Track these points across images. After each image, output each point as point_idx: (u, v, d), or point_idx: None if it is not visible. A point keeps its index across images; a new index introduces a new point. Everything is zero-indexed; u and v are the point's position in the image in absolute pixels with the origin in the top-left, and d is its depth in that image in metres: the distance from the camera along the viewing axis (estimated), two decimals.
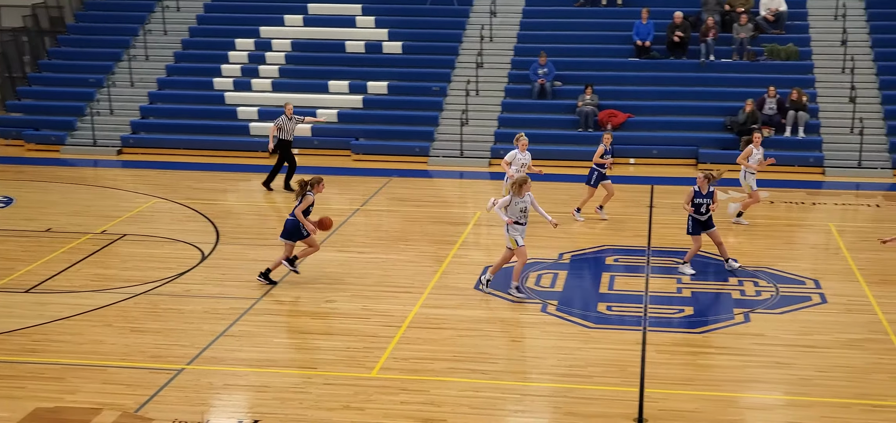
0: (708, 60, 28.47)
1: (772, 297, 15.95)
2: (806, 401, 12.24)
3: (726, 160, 25.24)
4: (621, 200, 22.12)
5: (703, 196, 16.88)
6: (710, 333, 14.50)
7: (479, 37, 30.03)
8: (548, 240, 18.96)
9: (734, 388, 12.72)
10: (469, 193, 24.18)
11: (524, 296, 15.72)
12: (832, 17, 29.80)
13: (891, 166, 25.01)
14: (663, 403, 12.13)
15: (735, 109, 26.54)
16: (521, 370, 13.18)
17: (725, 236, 18.48)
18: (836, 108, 26.96)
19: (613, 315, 15.18)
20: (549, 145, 26.68)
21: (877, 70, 27.96)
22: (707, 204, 16.83)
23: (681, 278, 16.85)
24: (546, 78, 27.94)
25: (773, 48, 28.54)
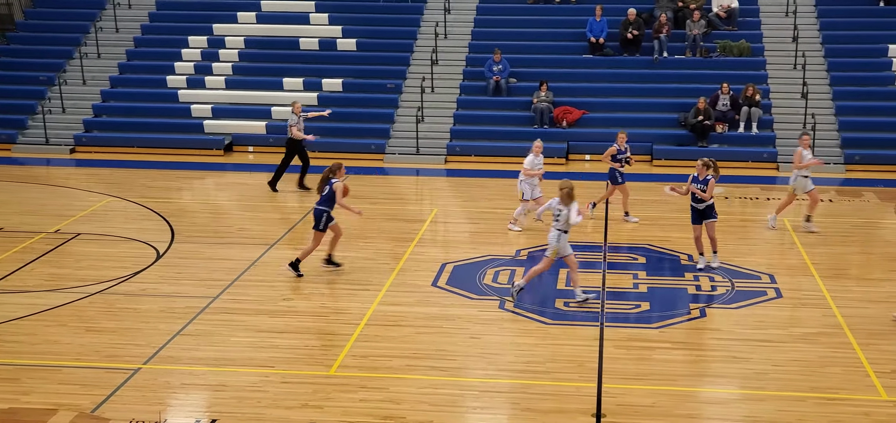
0: (661, 57, 28.66)
1: (727, 292, 16.08)
2: (761, 394, 12.36)
3: (681, 156, 25.50)
4: (578, 196, 22.12)
5: (698, 181, 16.92)
6: (667, 328, 14.59)
7: (433, 34, 30.02)
8: (505, 236, 19.00)
9: (690, 382, 12.81)
10: (426, 191, 24.16)
11: (591, 296, 15.59)
12: (783, 14, 30.12)
13: (843, 161, 25.31)
14: (621, 398, 12.20)
15: (689, 105, 26.74)
16: (479, 367, 13.19)
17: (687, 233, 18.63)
18: (788, 103, 27.25)
19: (571, 311, 15.24)
20: (504, 142, 26.74)
21: (827, 66, 28.29)
22: (701, 189, 16.84)
23: (637, 273, 16.95)
24: (501, 75, 27.98)
25: (725, 45, 28.79)
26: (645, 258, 17.79)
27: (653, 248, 18.39)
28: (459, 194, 23.26)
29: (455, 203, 22.58)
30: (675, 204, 21.70)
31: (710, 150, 25.72)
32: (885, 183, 23.62)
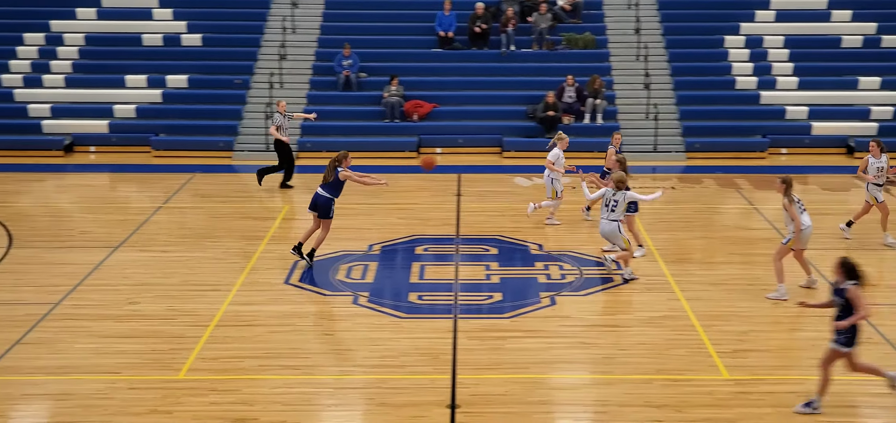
0: (509, 51, 28.99)
1: (576, 280, 16.36)
2: (610, 378, 12.62)
3: (530, 148, 25.85)
4: (429, 189, 22.30)
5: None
6: (519, 317, 14.75)
7: (281, 28, 29.68)
8: (357, 232, 18.92)
9: (542, 369, 12.98)
10: (276, 187, 23.86)
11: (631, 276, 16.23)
12: (626, 7, 30.81)
13: (684, 150, 26.06)
14: (475, 388, 12.28)
15: (536, 97, 27.12)
16: (333, 364, 13.10)
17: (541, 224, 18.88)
18: (631, 94, 27.91)
19: (425, 304, 15.27)
20: (355, 137, 26.64)
21: (669, 57, 29.08)
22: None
23: (489, 264, 17.09)
24: (351, 69, 27.86)
25: (570, 37, 29.31)
26: (497, 249, 17.96)
27: (504, 239, 18.58)
28: (310, 190, 22.91)
29: (306, 199, 22.27)
30: (525, 195, 21.98)
31: None
32: (723, 170, 24.39)
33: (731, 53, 28.93)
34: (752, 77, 28.12)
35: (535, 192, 21.72)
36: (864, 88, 27.74)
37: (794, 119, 27.02)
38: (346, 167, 16.81)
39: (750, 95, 27.71)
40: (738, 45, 29.20)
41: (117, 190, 23.53)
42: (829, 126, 26.75)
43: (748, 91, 27.84)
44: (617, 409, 11.82)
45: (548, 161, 19.26)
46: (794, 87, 27.82)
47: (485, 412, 11.69)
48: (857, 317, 11.29)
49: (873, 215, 18.62)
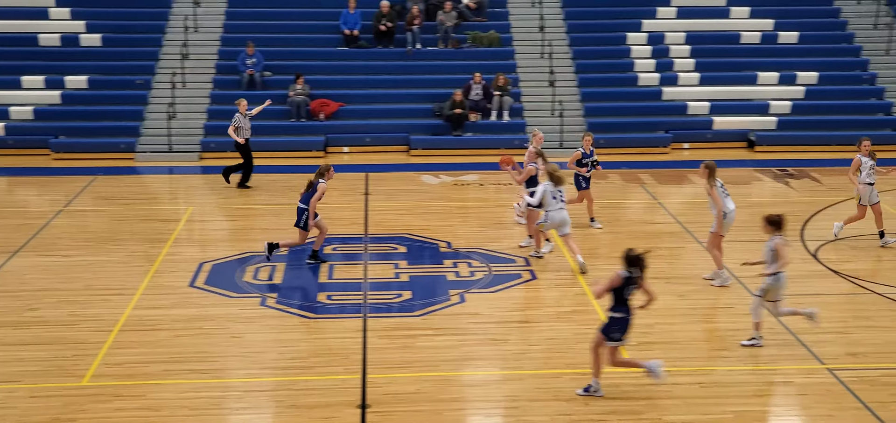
0: (415, 49, 28.98)
1: (485, 276, 16.42)
2: (520, 374, 12.68)
3: (437, 146, 25.90)
4: (337, 189, 22.15)
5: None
6: (428, 315, 14.74)
7: (183, 27, 29.24)
8: (265, 233, 18.71)
9: (453, 367, 12.99)
10: (180, 189, 23.52)
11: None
12: (530, 4, 31.03)
13: None
14: (386, 387, 12.24)
15: (443, 95, 27.16)
16: (241, 367, 12.92)
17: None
18: (537, 91, 28.13)
19: (334, 304, 15.18)
20: (261, 137, 26.34)
21: (572, 54, 29.37)
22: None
23: (398, 263, 17.06)
24: (255, 68, 27.57)
25: (476, 35, 29.42)
26: (405, 248, 17.93)
27: (413, 237, 18.57)
28: (215, 192, 22.72)
29: (211, 201, 22.05)
30: (433, 192, 22.02)
31: (465, 138, 26.26)
32: (628, 166, 24.71)
33: (634, 50, 29.34)
34: (655, 73, 28.55)
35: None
36: (763, 82, 28.36)
37: (695, 114, 27.52)
38: (328, 180, 16.90)
39: (652, 91, 28.13)
40: (641, 41, 29.63)
41: (15, 194, 22.93)
42: (730, 121, 27.29)
43: (651, 87, 28.26)
44: (527, 403, 11.88)
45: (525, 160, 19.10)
46: (695, 82, 28.32)
47: (396, 411, 11.65)
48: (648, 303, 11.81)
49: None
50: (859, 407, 11.74)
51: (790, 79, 28.37)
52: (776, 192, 21.83)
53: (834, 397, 12.02)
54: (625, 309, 11.80)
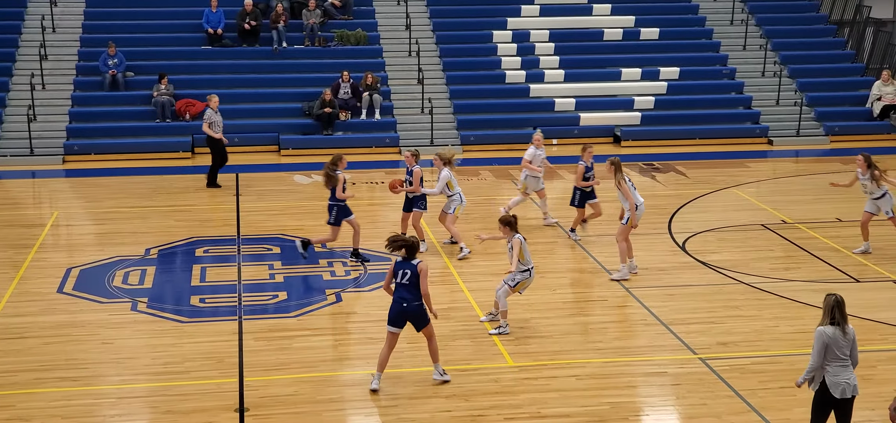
0: (281, 47, 28.69)
1: (361, 276, 16.39)
2: (399, 372, 12.70)
3: (307, 146, 25.72)
4: (206, 190, 21.83)
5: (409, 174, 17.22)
6: (305, 315, 14.66)
7: (40, 28, 28.31)
8: (133, 236, 18.32)
9: (331, 367, 12.97)
10: (44, 193, 22.81)
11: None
12: (395, 3, 31.04)
13: (460, 143, 26.48)
14: (263, 390, 12.14)
15: (312, 94, 26.97)
16: (114, 373, 12.62)
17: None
18: (406, 89, 28.17)
19: (207, 307, 14.96)
20: (126, 138, 25.80)
21: (440, 52, 29.49)
22: (409, 182, 17.21)
23: (273, 264, 16.89)
24: (117, 69, 26.89)
25: (342, 33, 29.30)
26: (279, 248, 17.77)
27: (287, 237, 18.40)
28: (81, 195, 22.13)
29: (77, 204, 21.46)
30: (305, 192, 21.87)
31: (336, 137, 26.13)
32: (498, 162, 24.94)
33: (500, 48, 29.63)
34: (521, 71, 28.89)
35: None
36: (626, 78, 28.96)
37: (562, 111, 27.96)
38: (342, 169, 16.89)
39: (520, 88, 28.47)
40: (506, 39, 29.94)
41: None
42: (596, 117, 27.81)
43: (518, 84, 28.59)
44: (407, 402, 11.93)
45: (524, 159, 18.97)
46: (561, 79, 28.75)
47: (274, 413, 11.57)
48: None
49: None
50: (731, 395, 12.12)
51: (653, 74, 29.06)
52: (643, 186, 22.31)
53: (706, 385, 12.39)
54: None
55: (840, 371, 9.84)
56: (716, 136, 27.45)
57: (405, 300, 12.03)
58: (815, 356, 9.82)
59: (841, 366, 9.84)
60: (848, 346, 9.83)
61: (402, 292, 12.05)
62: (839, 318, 9.82)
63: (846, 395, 9.87)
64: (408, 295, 12.02)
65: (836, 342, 9.79)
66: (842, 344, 9.80)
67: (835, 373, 9.84)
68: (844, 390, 9.85)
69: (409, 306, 12.05)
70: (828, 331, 9.80)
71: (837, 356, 9.81)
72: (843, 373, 9.84)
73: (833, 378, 9.85)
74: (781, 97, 28.73)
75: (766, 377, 12.57)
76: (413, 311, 12.12)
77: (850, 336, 9.85)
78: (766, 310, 14.82)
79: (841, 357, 9.81)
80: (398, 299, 12.06)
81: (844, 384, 9.84)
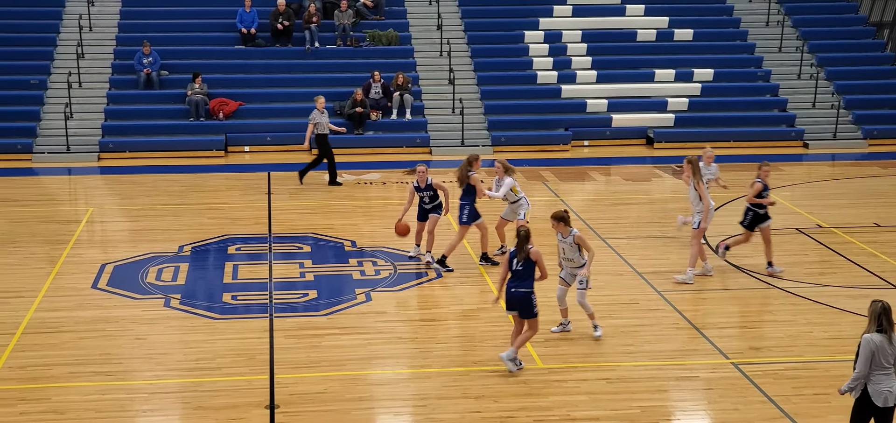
0: (313, 47, 28.81)
1: (390, 275, 16.44)
2: (427, 372, 12.75)
3: (338, 145, 25.73)
4: (238, 188, 21.98)
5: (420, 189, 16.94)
6: (335, 314, 14.72)
7: (77, 27, 28.57)
8: (166, 233, 18.46)
9: (360, 366, 13.00)
10: (79, 190, 23.02)
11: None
12: (427, 3, 31.10)
13: (490, 144, 26.50)
14: (293, 387, 12.20)
15: (344, 94, 27.07)
16: (147, 369, 12.74)
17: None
18: (437, 89, 28.21)
19: (239, 304, 15.06)
20: (159, 137, 26.00)
21: (471, 53, 29.52)
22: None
23: (303, 262, 16.97)
24: (152, 68, 27.11)
25: (374, 34, 29.38)
26: (310, 247, 17.85)
27: (317, 236, 18.49)
28: (115, 192, 22.34)
29: (111, 201, 21.66)
30: (336, 191, 21.94)
31: (367, 137, 26.21)
32: (528, 162, 24.90)
33: (532, 49, 29.60)
34: (553, 71, 28.85)
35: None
36: (660, 80, 28.84)
37: (594, 112, 27.90)
38: (476, 170, 16.89)
39: (551, 89, 28.43)
40: (538, 40, 29.90)
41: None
42: (629, 118, 27.73)
43: (549, 85, 28.56)
44: (435, 402, 11.95)
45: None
46: (593, 80, 28.68)
47: (304, 411, 11.63)
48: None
49: None
50: (764, 401, 12.03)
51: (686, 76, 28.94)
52: (676, 188, 22.23)
53: (739, 390, 12.31)
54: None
55: (883, 380, 9.68)
56: (750, 138, 27.29)
57: (512, 287, 12.60)
58: (861, 363, 9.65)
59: (884, 374, 9.68)
60: (893, 354, 9.65)
61: (511, 279, 12.62)
62: (886, 325, 9.67)
63: (889, 404, 9.72)
64: (514, 283, 12.61)
65: (883, 350, 9.62)
66: (888, 352, 9.63)
67: (878, 381, 9.69)
68: (887, 398, 9.69)
69: (515, 293, 12.55)
70: (875, 339, 9.62)
71: (882, 365, 9.65)
72: (887, 381, 9.68)
73: (876, 387, 9.70)
74: (818, 100, 28.53)
75: (800, 383, 12.46)
76: (517, 298, 12.59)
77: (895, 344, 9.71)
78: (800, 315, 14.71)
79: (885, 366, 9.65)
80: (508, 285, 12.63)
81: (887, 393, 9.68)
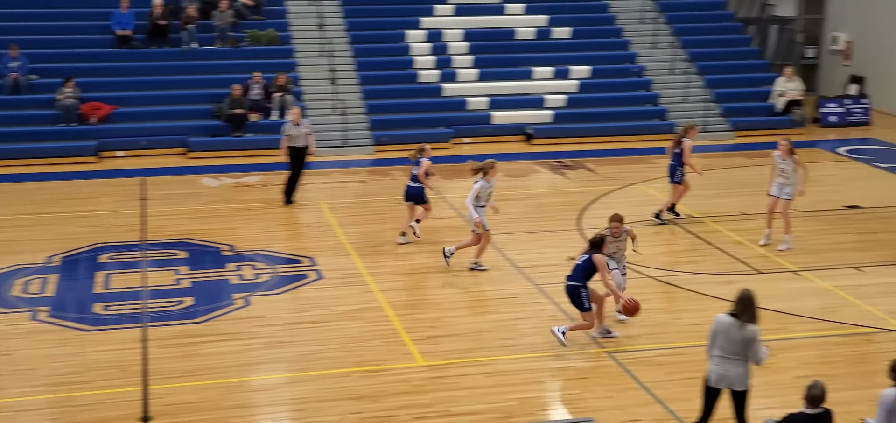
0: (191, 48, 28.27)
1: (270, 279, 16.21)
2: (308, 375, 12.62)
3: (217, 147, 25.36)
4: (111, 195, 21.41)
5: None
6: (212, 321, 14.45)
7: None
8: (34, 243, 17.85)
9: (239, 372, 12.80)
10: None
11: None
12: (308, 2, 30.79)
13: (372, 143, 26.36)
14: (169, 398, 11.93)
15: (221, 95, 26.58)
16: (13, 386, 12.28)
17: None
18: (318, 90, 27.93)
19: (111, 315, 14.64)
20: (27, 143, 25.13)
21: (353, 52, 29.32)
22: None
23: (179, 269, 16.60)
24: (19, 72, 26.22)
25: (254, 34, 28.96)
26: (186, 253, 17.47)
27: (193, 241, 18.11)
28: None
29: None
30: (214, 195, 21.57)
31: (246, 139, 25.80)
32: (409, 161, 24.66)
33: (413, 48, 29.55)
34: (434, 70, 28.84)
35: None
36: (538, 77, 29.06)
37: (475, 110, 27.97)
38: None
39: (432, 88, 28.42)
40: (420, 39, 29.87)
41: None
42: (508, 115, 27.86)
43: (431, 84, 28.55)
44: (316, 405, 11.85)
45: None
46: (473, 78, 28.75)
47: (179, 421, 11.39)
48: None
49: None
50: (637, 387, 12.23)
51: (564, 73, 29.21)
52: (554, 183, 22.45)
53: (613, 378, 12.49)
54: None
55: (721, 362, 10.05)
56: (625, 133, 27.68)
57: (568, 277, 13.21)
58: (708, 337, 10.26)
59: (722, 357, 10.04)
60: (739, 342, 9.94)
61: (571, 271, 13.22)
62: (740, 311, 9.95)
63: (712, 383, 10.17)
64: (570, 274, 13.21)
65: (727, 333, 9.97)
66: (733, 337, 9.93)
67: (716, 362, 10.13)
68: (719, 380, 10.13)
69: (568, 285, 13.17)
70: (723, 319, 10.05)
71: (724, 346, 10.01)
72: (723, 364, 10.04)
73: (713, 365, 10.17)
74: (689, 94, 29.11)
75: (671, 369, 12.73)
76: (569, 292, 13.18)
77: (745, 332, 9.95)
78: (671, 303, 15.00)
79: (728, 349, 9.98)
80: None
81: (720, 375, 10.10)
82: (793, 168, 17.38)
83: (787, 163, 17.39)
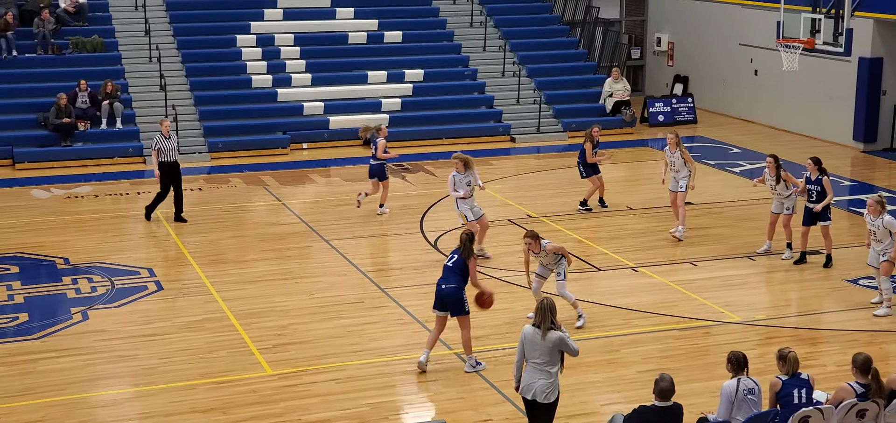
0: (11, 56, 27.21)
1: (108, 291, 15.80)
2: (152, 389, 12.40)
3: (46, 158, 24.52)
4: None
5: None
6: (49, 337, 14.01)
7: None
8: None
9: (80, 389, 12.48)
10: None
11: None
12: (133, 8, 30.05)
13: (208, 150, 25.92)
14: (6, 418, 11.58)
15: (47, 104, 25.70)
16: None
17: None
18: (149, 96, 27.30)
19: None
20: None
21: (182, 58, 28.77)
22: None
23: (11, 284, 16.00)
24: None
25: (78, 41, 28.09)
26: (18, 267, 16.84)
27: (26, 255, 17.47)
28: None
29: None
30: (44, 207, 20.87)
31: (76, 148, 25.01)
32: (248, 168, 24.52)
33: (245, 53, 29.20)
34: (267, 75, 28.57)
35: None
36: (373, 81, 29.13)
37: (311, 114, 27.83)
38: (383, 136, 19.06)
39: (267, 93, 28.14)
40: (250, 44, 29.50)
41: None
42: (345, 119, 27.80)
43: (265, 89, 28.27)
44: (162, 418, 11.68)
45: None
46: (308, 83, 28.62)
47: None
48: None
49: None
50: (487, 387, 12.46)
51: (398, 77, 29.36)
52: (394, 186, 22.56)
53: (463, 379, 12.68)
54: None
55: (531, 372, 10.06)
56: (462, 135, 28.03)
57: (442, 282, 12.76)
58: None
59: (532, 368, 10.05)
60: (542, 351, 9.94)
61: (442, 273, 12.89)
62: (540, 320, 9.98)
63: (528, 396, 10.09)
64: (444, 277, 12.81)
65: (531, 342, 9.99)
66: (536, 346, 9.95)
67: (527, 372, 10.14)
68: (535, 393, 10.05)
69: (445, 289, 12.70)
70: (526, 330, 10.09)
71: (532, 356, 10.03)
72: (532, 375, 10.04)
73: (525, 375, 10.17)
74: (521, 96, 29.69)
75: None
76: (445, 294, 12.73)
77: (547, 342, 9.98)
78: (516, 302, 15.27)
79: (535, 359, 10.00)
80: (438, 281, 12.85)
81: (529, 386, 10.08)
82: (682, 161, 18.13)
83: (676, 155, 18.14)
